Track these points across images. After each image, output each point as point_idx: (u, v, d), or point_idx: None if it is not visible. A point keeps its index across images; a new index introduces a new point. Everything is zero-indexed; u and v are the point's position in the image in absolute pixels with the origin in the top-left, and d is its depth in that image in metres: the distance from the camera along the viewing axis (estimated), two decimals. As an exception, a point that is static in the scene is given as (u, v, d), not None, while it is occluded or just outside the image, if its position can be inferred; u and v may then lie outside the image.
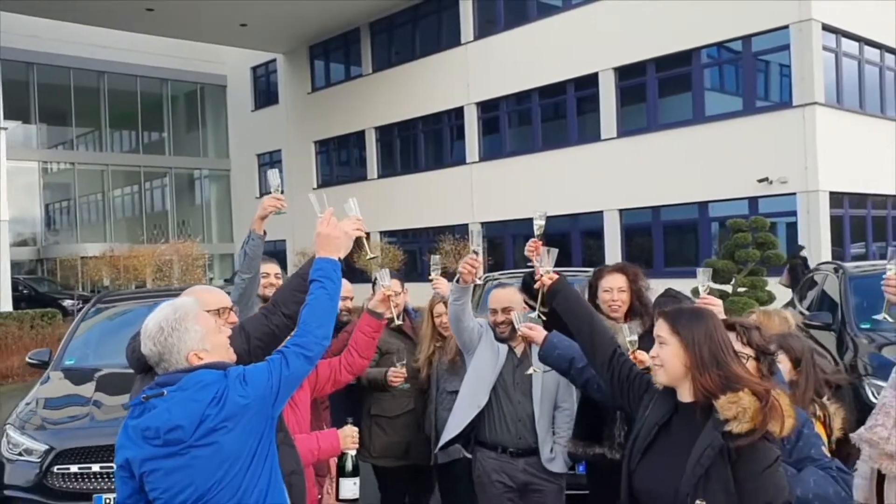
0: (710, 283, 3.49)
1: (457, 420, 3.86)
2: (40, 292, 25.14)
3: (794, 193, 16.73)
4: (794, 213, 16.87)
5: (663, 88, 19.49)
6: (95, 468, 4.71)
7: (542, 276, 3.13)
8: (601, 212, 20.21)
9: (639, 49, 19.17)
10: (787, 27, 16.83)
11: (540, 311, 3.41)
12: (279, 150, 31.09)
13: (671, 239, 19.67)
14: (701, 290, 3.43)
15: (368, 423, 4.41)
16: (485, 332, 3.89)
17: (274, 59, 31.24)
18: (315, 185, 28.98)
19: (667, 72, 19.21)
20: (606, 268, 4.09)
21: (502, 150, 23.12)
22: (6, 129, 17.80)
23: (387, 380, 4.20)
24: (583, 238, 21.08)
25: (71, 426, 5.01)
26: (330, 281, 2.54)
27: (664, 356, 2.30)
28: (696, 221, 18.78)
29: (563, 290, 3.06)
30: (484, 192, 23.08)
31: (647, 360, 2.53)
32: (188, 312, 2.32)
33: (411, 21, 25.69)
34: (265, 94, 32.48)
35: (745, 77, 18.01)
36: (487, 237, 23.28)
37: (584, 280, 6.97)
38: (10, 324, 14.60)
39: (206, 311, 2.49)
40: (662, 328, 2.34)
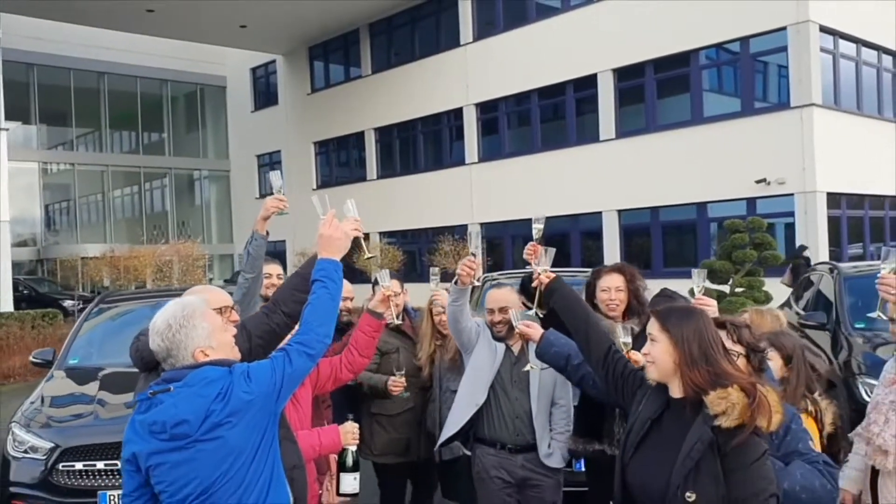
0: (704, 284, 3.57)
1: (455, 418, 3.92)
2: (40, 293, 25.16)
3: (792, 194, 16.78)
4: (792, 214, 16.91)
5: (662, 89, 19.53)
6: (100, 465, 4.76)
7: (540, 275, 3.22)
8: (600, 212, 20.25)
9: (637, 50, 19.22)
10: (784, 29, 16.88)
11: (538, 310, 3.49)
12: (279, 151, 31.14)
13: (670, 239, 19.71)
14: (696, 291, 3.50)
15: (369, 420, 4.47)
16: (482, 331, 3.95)
17: (273, 60, 31.28)
18: (315, 186, 29.02)
19: (665, 73, 19.26)
20: (604, 268, 4.20)
21: (501, 150, 23.16)
22: (7, 129, 17.83)
23: (387, 388, 4.28)
24: (582, 238, 21.12)
25: (76, 424, 5.07)
26: (332, 281, 2.60)
27: (655, 353, 2.37)
28: (695, 222, 18.82)
29: (561, 288, 3.14)
30: (483, 193, 23.12)
31: (641, 361, 2.60)
32: (196, 310, 2.39)
33: (410, 22, 25.72)
34: (265, 95, 32.52)
35: (743, 78, 18.06)
36: (487, 238, 23.30)
37: (583, 280, 7.06)
38: (12, 324, 14.61)
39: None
40: (653, 326, 2.41)
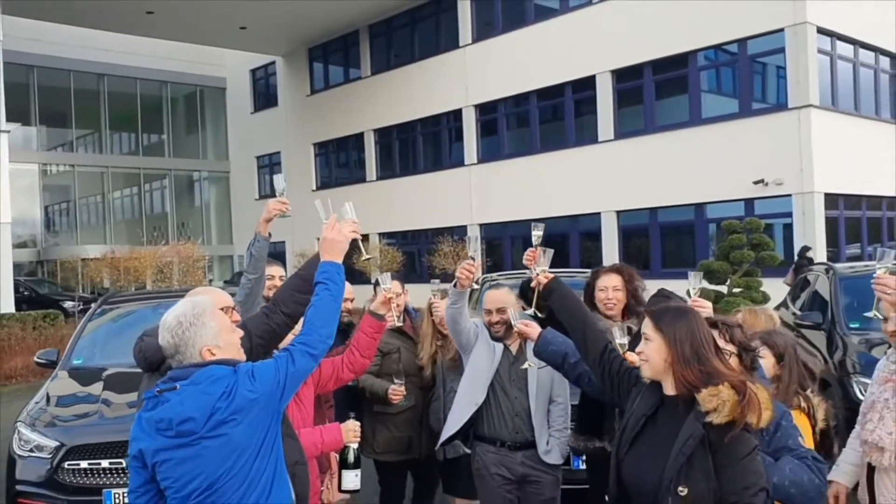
0: (700, 287, 3.64)
1: (456, 417, 3.99)
2: (41, 294, 25.15)
3: (790, 195, 16.83)
4: (790, 215, 16.97)
5: (660, 91, 19.60)
6: (105, 464, 4.81)
7: (538, 275, 3.29)
8: (599, 213, 20.31)
9: (636, 51, 19.28)
10: (782, 30, 16.94)
11: (536, 310, 3.56)
12: (278, 152, 31.18)
13: (668, 240, 19.77)
14: (692, 293, 3.58)
15: (371, 419, 4.53)
16: (481, 331, 4.02)
17: (273, 62, 31.33)
18: (314, 187, 29.07)
19: (664, 74, 19.31)
20: (603, 268, 4.29)
21: (500, 151, 23.22)
22: (9, 131, 17.87)
23: (387, 395, 4.36)
24: (580, 239, 21.18)
25: (81, 423, 5.13)
26: (334, 283, 2.67)
27: (648, 352, 2.44)
28: (693, 223, 18.87)
29: (558, 288, 3.22)
30: (482, 194, 23.18)
31: (637, 362, 2.67)
32: (206, 309, 2.45)
33: (410, 24, 25.78)
34: (264, 97, 32.56)
35: (741, 80, 18.13)
36: (486, 238, 23.35)
37: (581, 282, 7.13)
38: (13, 325, 14.62)
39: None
40: (647, 326, 2.48)
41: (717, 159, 17.73)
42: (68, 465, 4.84)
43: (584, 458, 4.30)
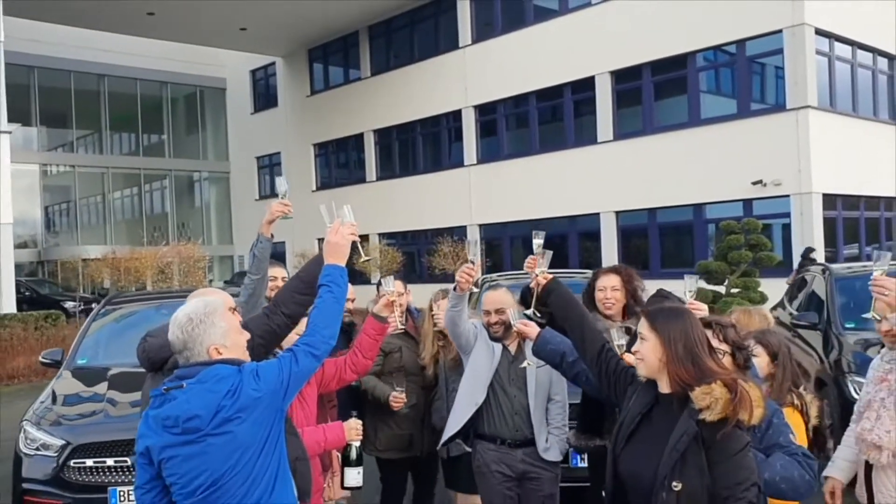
0: (696, 289, 3.73)
1: (457, 417, 4.06)
2: (42, 294, 25.16)
3: (788, 195, 16.90)
4: (788, 215, 17.03)
5: (659, 91, 19.66)
6: (110, 462, 4.87)
7: (538, 276, 3.37)
8: (598, 214, 20.36)
9: (635, 53, 19.34)
10: (780, 32, 17.00)
11: (534, 311, 3.64)
12: (278, 153, 31.23)
13: (667, 241, 19.82)
14: (687, 296, 3.66)
15: (373, 417, 4.60)
16: (479, 332, 4.09)
17: (273, 63, 31.38)
18: (314, 188, 29.14)
19: (662, 75, 19.38)
20: (602, 269, 4.37)
21: (500, 152, 23.27)
22: (10, 132, 17.92)
23: (388, 402, 4.45)
24: (580, 240, 21.24)
25: (86, 422, 5.19)
26: (337, 286, 2.74)
27: (644, 351, 2.51)
28: (692, 223, 18.93)
29: (557, 289, 3.30)
30: (482, 195, 23.24)
31: (633, 362, 2.73)
32: (217, 309, 2.51)
33: (409, 25, 25.84)
34: (264, 97, 32.62)
35: (740, 81, 18.19)
36: (485, 239, 23.43)
37: (580, 282, 7.20)
38: (15, 325, 14.65)
39: None
40: (643, 325, 2.55)
41: (716, 160, 17.79)
42: (74, 463, 4.89)
43: (585, 456, 4.39)
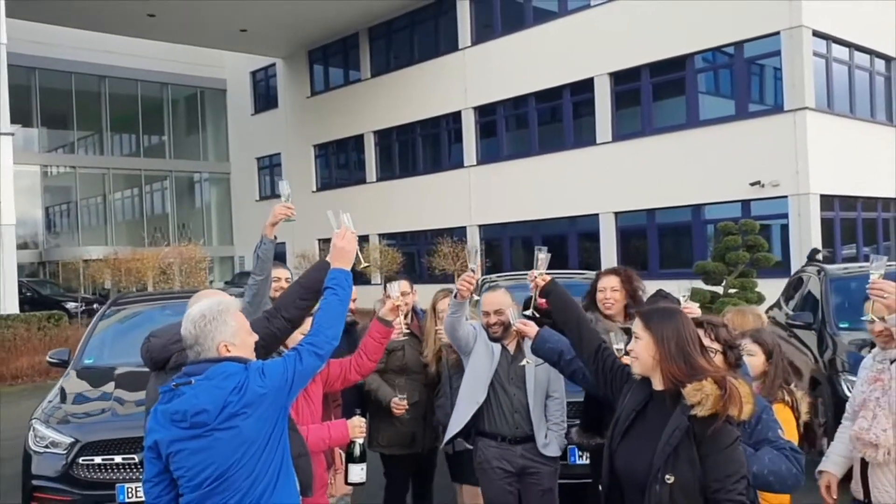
0: (688, 293, 3.89)
1: (458, 417, 4.18)
2: (43, 295, 25.22)
3: (786, 196, 16.98)
4: (786, 216, 17.12)
5: (658, 93, 19.75)
6: (118, 459, 4.98)
7: (536, 277, 3.49)
8: (597, 214, 20.44)
9: (633, 54, 19.43)
10: (778, 33, 17.08)
11: (534, 313, 3.76)
12: (279, 154, 31.33)
13: (666, 241, 19.90)
14: (682, 301, 3.80)
15: (377, 415, 4.72)
16: (479, 333, 4.20)
17: (273, 64, 31.48)
18: (314, 189, 29.24)
19: (661, 76, 19.46)
20: (603, 270, 4.51)
21: (499, 153, 23.36)
22: (13, 134, 18.00)
23: (390, 405, 4.55)
24: (579, 240, 21.32)
25: (94, 420, 5.28)
26: (342, 289, 2.87)
27: (638, 349, 2.61)
28: (690, 224, 19.01)
29: (555, 290, 3.43)
30: (481, 195, 23.32)
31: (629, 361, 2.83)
32: (229, 308, 2.61)
33: (409, 26, 25.92)
34: (265, 98, 32.71)
35: (738, 82, 18.27)
36: (485, 239, 23.53)
37: (579, 283, 7.31)
38: (18, 326, 14.71)
39: None
40: (637, 325, 2.66)
41: (714, 161, 17.88)
42: (83, 460, 5.00)
43: (587, 453, 4.52)
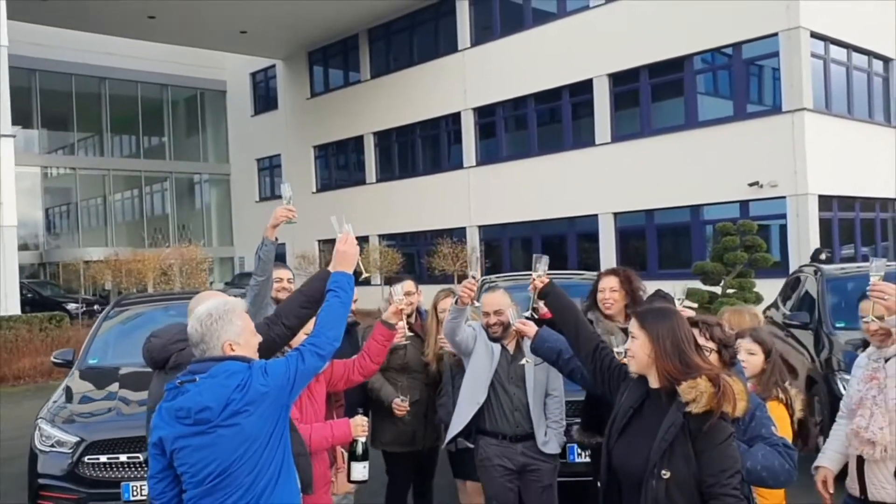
0: (684, 296, 3.98)
1: (460, 417, 4.26)
2: (44, 296, 25.30)
3: (784, 197, 17.06)
4: (784, 216, 17.19)
5: (656, 94, 19.83)
6: (123, 458, 5.05)
7: (535, 279, 3.57)
8: (596, 215, 20.51)
9: (632, 55, 19.50)
10: (776, 35, 17.16)
11: (533, 314, 3.84)
12: (278, 155, 31.40)
13: (665, 242, 19.97)
14: (677, 304, 3.88)
15: (379, 413, 4.80)
16: (478, 335, 4.27)
17: (273, 65, 31.56)
18: (314, 190, 29.31)
19: (660, 77, 19.54)
20: (603, 271, 4.60)
21: (499, 154, 23.44)
22: (14, 136, 18.07)
23: (391, 406, 4.63)
24: (578, 241, 21.37)
25: (100, 420, 5.35)
26: (344, 291, 2.94)
27: (634, 348, 2.68)
28: (689, 224, 19.08)
29: (553, 291, 3.52)
30: (481, 196, 23.39)
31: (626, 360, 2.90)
32: (236, 308, 2.68)
33: (409, 28, 26.01)
34: (264, 100, 32.79)
35: (736, 83, 18.34)
36: (484, 240, 23.60)
37: (578, 283, 7.38)
38: (20, 327, 14.75)
39: None
40: (633, 325, 2.73)
41: (713, 162, 17.95)
42: (88, 459, 5.06)
43: (587, 452, 4.63)
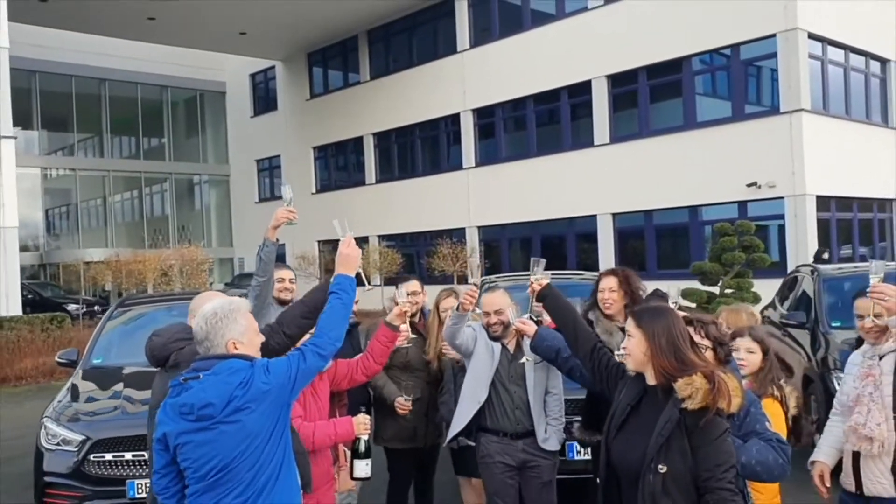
0: (679, 298, 4.07)
1: (461, 416, 4.34)
2: (44, 297, 25.36)
3: (782, 197, 17.13)
4: (782, 217, 17.26)
5: (655, 95, 19.90)
6: (128, 456, 5.12)
7: (533, 283, 3.66)
8: (594, 215, 20.58)
9: (631, 56, 19.57)
10: (773, 36, 17.24)
11: (532, 316, 3.92)
12: (278, 156, 31.45)
13: (663, 242, 20.04)
14: (672, 305, 3.96)
15: (381, 409, 4.88)
16: (478, 335, 4.34)
17: (273, 67, 31.61)
18: (314, 190, 29.36)
19: (658, 79, 19.61)
20: (604, 272, 4.66)
21: (498, 155, 23.50)
22: (15, 137, 18.12)
23: (394, 404, 4.69)
24: (577, 241, 21.44)
25: (105, 418, 5.41)
26: (346, 293, 3.01)
27: (630, 346, 2.75)
28: (688, 225, 19.15)
29: (551, 294, 3.62)
30: (480, 197, 23.45)
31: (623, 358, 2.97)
32: (240, 307, 2.75)
33: (408, 29, 26.07)
34: (264, 101, 32.83)
35: (734, 84, 18.41)
36: (484, 240, 23.66)
37: (577, 283, 7.45)
38: (22, 327, 14.79)
39: None
40: (630, 324, 2.80)
41: (711, 162, 18.02)
42: (94, 457, 5.13)
43: (586, 449, 4.73)
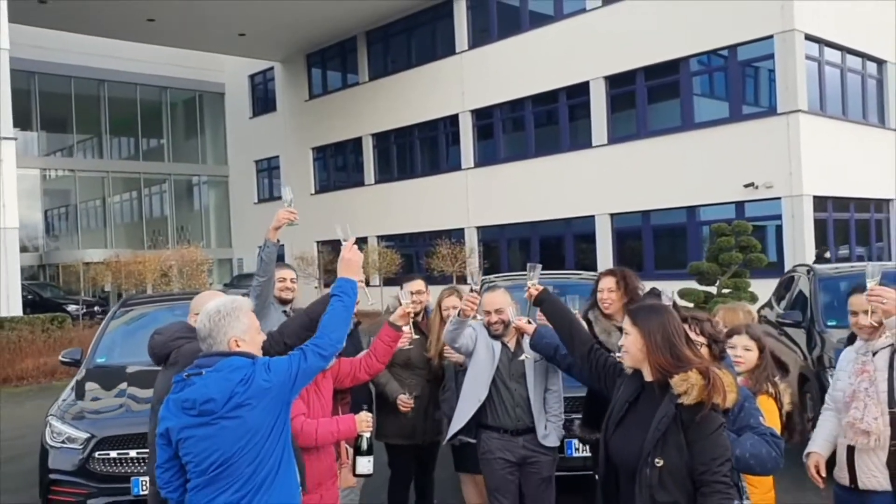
0: (674, 298, 4.16)
1: (462, 414, 4.42)
2: (44, 297, 25.38)
3: (780, 198, 17.22)
4: (780, 217, 17.35)
5: (653, 96, 19.97)
6: (132, 454, 5.18)
7: (530, 287, 3.78)
8: (593, 216, 20.66)
9: (629, 58, 19.65)
10: (771, 37, 17.32)
11: (529, 320, 4.02)
12: (277, 157, 31.50)
13: (661, 242, 20.12)
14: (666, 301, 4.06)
15: (383, 406, 4.95)
16: (479, 334, 4.42)
17: (272, 67, 31.67)
18: (313, 191, 29.41)
19: (656, 80, 19.70)
20: (603, 272, 4.75)
21: (497, 156, 23.58)
22: (15, 138, 18.18)
23: (396, 402, 4.77)
24: (575, 241, 21.51)
25: (109, 416, 5.47)
26: (347, 296, 3.08)
27: (627, 344, 2.83)
28: (685, 225, 19.24)
29: (547, 298, 3.76)
30: (479, 197, 23.53)
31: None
32: (243, 306, 2.83)
33: (407, 30, 26.14)
34: (263, 102, 32.89)
35: (732, 85, 18.50)
36: (483, 241, 23.74)
37: (575, 283, 7.52)
38: (23, 328, 14.83)
39: None
40: (626, 322, 2.87)
41: (709, 163, 18.11)
42: (98, 454, 5.20)
43: (585, 446, 4.83)
